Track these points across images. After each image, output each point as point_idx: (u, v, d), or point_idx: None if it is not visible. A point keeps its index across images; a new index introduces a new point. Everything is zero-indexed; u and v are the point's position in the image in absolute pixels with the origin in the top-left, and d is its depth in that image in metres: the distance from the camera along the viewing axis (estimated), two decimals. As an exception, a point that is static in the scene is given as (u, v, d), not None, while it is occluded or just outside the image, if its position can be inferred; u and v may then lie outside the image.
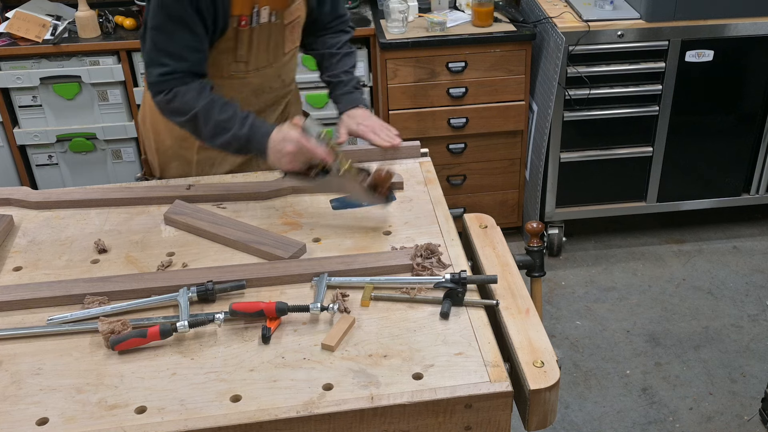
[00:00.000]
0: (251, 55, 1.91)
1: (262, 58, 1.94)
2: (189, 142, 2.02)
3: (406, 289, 1.53)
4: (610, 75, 3.12)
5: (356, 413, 1.27)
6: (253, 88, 1.99)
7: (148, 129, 2.11)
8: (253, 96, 2.01)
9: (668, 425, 2.61)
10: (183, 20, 1.73)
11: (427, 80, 3.16)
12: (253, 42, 1.89)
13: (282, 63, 2.01)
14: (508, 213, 3.54)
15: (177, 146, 2.05)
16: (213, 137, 1.78)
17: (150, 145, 2.13)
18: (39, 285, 1.57)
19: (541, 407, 1.32)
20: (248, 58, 1.91)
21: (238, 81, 1.95)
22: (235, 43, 1.87)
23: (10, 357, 1.41)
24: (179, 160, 2.07)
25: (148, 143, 2.14)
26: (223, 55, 1.89)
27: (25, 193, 1.91)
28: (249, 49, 1.90)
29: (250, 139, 1.75)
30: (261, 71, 1.97)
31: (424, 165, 2.00)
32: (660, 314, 3.11)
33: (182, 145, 2.04)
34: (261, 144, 1.74)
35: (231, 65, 1.91)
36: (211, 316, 1.43)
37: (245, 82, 1.96)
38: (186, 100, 1.77)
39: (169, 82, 1.78)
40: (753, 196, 3.44)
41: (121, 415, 1.28)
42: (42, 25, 3.16)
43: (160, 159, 2.10)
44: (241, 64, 1.92)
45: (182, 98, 1.77)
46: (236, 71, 1.93)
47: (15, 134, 3.30)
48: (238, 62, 1.91)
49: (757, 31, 3.04)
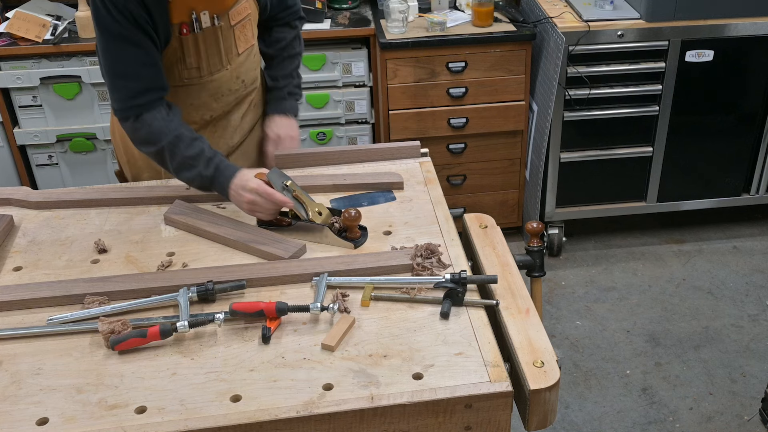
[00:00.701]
0: (201, 60, 1.87)
1: (214, 62, 1.90)
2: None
3: (406, 289, 1.53)
4: (610, 75, 3.11)
5: (356, 413, 1.27)
6: (210, 93, 1.94)
7: (117, 141, 2.08)
8: (212, 100, 1.96)
9: (668, 425, 2.61)
10: (126, 38, 1.70)
11: (427, 80, 3.16)
12: (200, 48, 1.85)
13: (238, 64, 1.96)
14: (508, 213, 3.54)
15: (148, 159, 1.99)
16: (178, 171, 1.78)
17: (122, 158, 2.10)
18: (39, 285, 1.57)
19: (541, 407, 1.32)
20: (198, 63, 1.87)
21: (194, 87, 1.91)
22: (181, 51, 1.83)
23: (10, 357, 1.41)
24: (150, 171, 2.04)
25: (120, 156, 2.11)
26: (173, 65, 1.85)
27: (25, 193, 1.91)
28: (197, 55, 1.85)
29: (213, 181, 1.76)
30: (216, 75, 1.92)
31: (424, 165, 2.00)
32: (660, 314, 3.11)
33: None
34: (223, 187, 1.76)
35: (183, 72, 1.87)
36: (211, 316, 1.43)
37: (202, 87, 1.92)
38: (152, 131, 1.75)
39: (131, 109, 1.74)
40: (753, 196, 3.44)
41: (121, 415, 1.28)
42: (42, 25, 3.15)
43: (132, 170, 2.07)
44: (192, 70, 1.87)
45: (149, 128, 1.75)
46: (189, 78, 1.88)
47: (15, 134, 3.30)
48: (189, 69, 1.87)
49: (757, 31, 3.04)
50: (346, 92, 3.31)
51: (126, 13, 1.67)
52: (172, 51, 1.82)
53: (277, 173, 1.73)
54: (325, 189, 1.90)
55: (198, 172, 1.76)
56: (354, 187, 1.91)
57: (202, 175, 1.76)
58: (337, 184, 1.91)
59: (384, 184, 1.90)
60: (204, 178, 1.76)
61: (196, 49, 1.84)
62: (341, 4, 3.37)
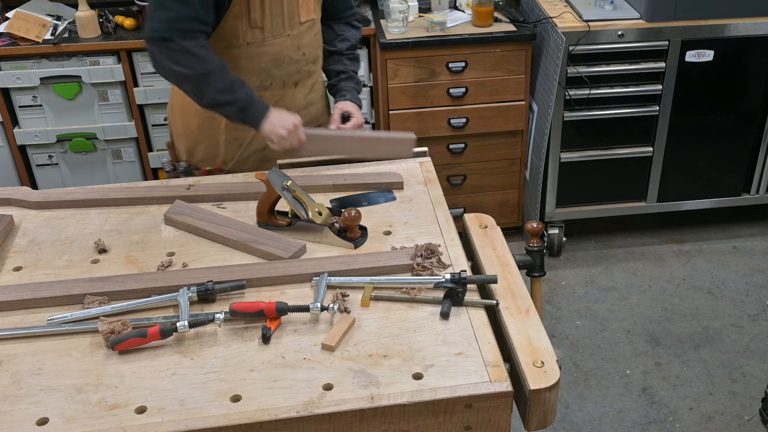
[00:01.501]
0: (265, 19, 1.94)
1: (277, 25, 1.97)
2: (216, 121, 2.06)
3: (406, 289, 1.53)
4: (610, 75, 3.11)
5: (356, 413, 1.27)
6: (271, 58, 2.02)
7: (176, 114, 2.16)
8: (272, 65, 2.03)
9: (668, 425, 2.61)
10: None
11: (427, 80, 3.16)
12: (266, 5, 1.92)
13: (299, 32, 2.03)
14: (508, 213, 3.54)
15: (206, 126, 2.09)
16: (218, 93, 1.88)
17: (177, 130, 2.18)
18: (39, 285, 1.57)
19: (541, 407, 1.32)
20: (263, 23, 1.94)
21: (255, 49, 1.98)
22: (247, 6, 1.90)
23: (10, 357, 1.41)
24: (207, 142, 2.12)
25: (176, 128, 2.19)
26: (238, 21, 1.92)
27: (25, 193, 1.91)
28: (262, 12, 1.93)
29: (251, 105, 1.90)
30: (277, 39, 1.99)
31: (424, 165, 2.00)
32: (660, 314, 3.11)
33: (211, 125, 2.09)
34: (261, 112, 1.91)
35: (247, 32, 1.94)
36: (211, 316, 1.43)
37: (263, 50, 1.99)
38: (197, 56, 1.85)
39: (176, 30, 1.83)
40: (753, 196, 3.44)
41: (121, 415, 1.28)
42: (42, 25, 3.15)
43: (188, 142, 2.15)
44: (256, 30, 1.95)
45: (192, 54, 1.85)
46: (252, 39, 1.96)
47: (15, 134, 3.30)
48: (253, 28, 1.94)
49: (757, 31, 3.04)
50: (346, 92, 3.31)
51: None
52: (237, 5, 1.89)
53: (277, 173, 1.73)
54: (325, 189, 1.90)
55: (242, 94, 1.88)
56: (354, 187, 1.91)
57: (246, 95, 1.89)
58: (337, 184, 1.91)
59: (384, 184, 1.90)
60: (242, 101, 1.89)
61: (262, 6, 1.92)
62: (341, 4, 3.37)
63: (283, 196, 1.71)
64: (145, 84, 3.24)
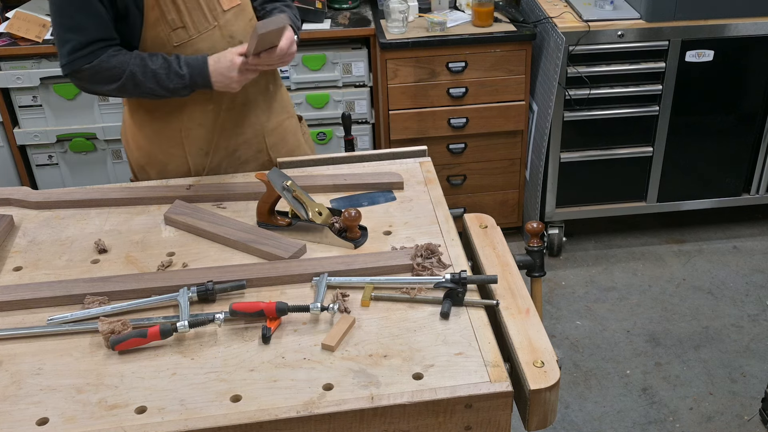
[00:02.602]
0: (184, 17, 1.85)
1: (199, 19, 1.87)
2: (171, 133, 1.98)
3: (406, 289, 1.53)
4: (610, 75, 3.11)
5: (356, 413, 1.27)
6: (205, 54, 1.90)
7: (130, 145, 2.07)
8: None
9: (668, 425, 2.61)
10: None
11: (427, 80, 3.16)
12: (179, 3, 1.84)
13: (226, 21, 1.92)
14: (508, 213, 3.54)
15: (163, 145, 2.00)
16: (154, 87, 1.82)
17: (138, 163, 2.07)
18: (39, 285, 1.57)
19: (541, 407, 1.32)
20: (183, 21, 1.86)
21: (186, 50, 1.88)
22: (160, 10, 1.82)
23: (10, 357, 1.41)
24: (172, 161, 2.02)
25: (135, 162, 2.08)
26: (158, 28, 1.84)
27: (25, 193, 1.91)
28: (177, 11, 1.84)
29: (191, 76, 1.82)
30: (205, 34, 1.89)
31: (424, 165, 2.00)
32: (660, 314, 3.11)
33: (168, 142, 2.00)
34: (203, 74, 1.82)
35: (171, 36, 1.85)
36: (211, 316, 1.43)
37: (195, 49, 1.88)
38: (113, 64, 1.79)
39: (80, 59, 1.78)
40: (753, 196, 3.44)
41: (121, 415, 1.28)
42: (42, 25, 3.15)
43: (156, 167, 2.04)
44: (179, 30, 1.86)
45: (108, 64, 1.79)
46: (179, 40, 1.86)
47: (15, 134, 3.30)
48: (175, 29, 1.85)
49: (757, 31, 3.04)
50: (346, 92, 3.31)
51: None
52: (150, 11, 1.82)
53: (277, 173, 1.73)
54: (325, 189, 1.90)
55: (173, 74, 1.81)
56: (354, 187, 1.91)
57: (177, 75, 1.81)
58: (337, 184, 1.91)
59: (384, 184, 1.90)
60: (184, 77, 1.81)
61: (175, 5, 1.84)
62: (341, 4, 3.37)
63: (283, 196, 1.71)
64: (145, 84, 3.24)
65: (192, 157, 2.01)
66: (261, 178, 1.72)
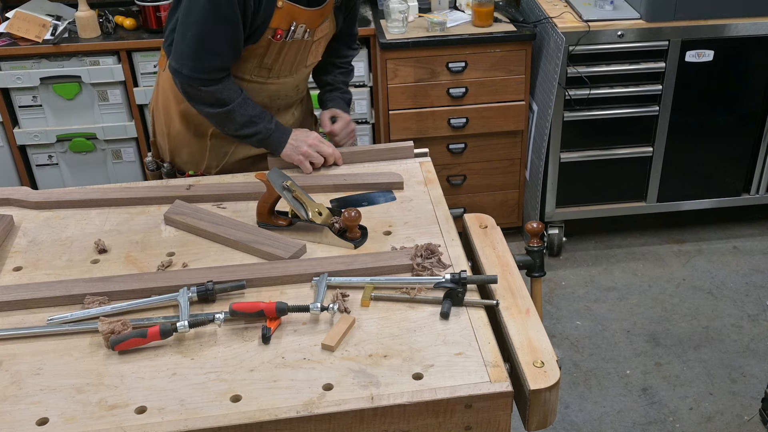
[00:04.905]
0: (276, 64, 1.98)
1: (285, 69, 2.02)
2: (202, 128, 2.07)
3: (406, 289, 1.53)
4: (610, 75, 3.11)
5: (356, 413, 1.27)
6: (269, 94, 2.06)
7: (160, 113, 2.15)
8: (268, 100, 2.07)
9: (668, 425, 2.61)
10: (228, 19, 1.82)
11: (427, 80, 3.16)
12: (282, 54, 1.96)
13: (301, 74, 2.09)
14: (508, 213, 3.54)
15: (191, 132, 2.10)
16: (241, 128, 1.95)
17: (160, 129, 2.17)
18: (39, 285, 1.57)
19: (541, 407, 1.32)
20: (272, 66, 1.98)
21: (258, 85, 2.02)
22: (265, 51, 1.94)
23: (10, 357, 1.41)
24: (191, 147, 2.12)
25: (159, 127, 2.18)
26: (250, 60, 1.95)
27: (25, 193, 1.91)
28: (276, 59, 1.97)
29: (275, 132, 1.96)
30: (281, 80, 2.04)
31: (424, 165, 2.00)
32: (660, 314, 3.11)
33: (197, 131, 2.09)
34: (283, 137, 1.97)
35: (255, 70, 1.98)
36: (211, 316, 1.43)
37: (264, 87, 2.03)
38: (222, 96, 1.91)
39: (201, 80, 1.88)
40: (753, 196, 3.44)
41: (121, 415, 1.28)
42: (42, 25, 3.15)
43: (171, 144, 2.15)
44: (264, 70, 1.99)
45: (219, 94, 1.90)
46: (258, 77, 2.00)
47: (15, 134, 3.30)
48: (261, 68, 1.98)
49: (757, 31, 3.04)
50: (346, 92, 3.31)
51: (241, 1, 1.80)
52: (255, 48, 1.92)
53: (277, 173, 1.73)
54: (325, 189, 1.90)
55: (262, 127, 1.95)
56: (354, 187, 1.91)
57: (266, 129, 1.96)
58: (337, 184, 1.91)
59: (384, 184, 1.90)
60: (267, 131, 1.96)
61: (278, 55, 1.96)
62: (341, 4, 3.37)
63: (283, 196, 1.71)
64: (145, 84, 3.24)
65: (210, 152, 2.10)
66: (261, 178, 1.73)
